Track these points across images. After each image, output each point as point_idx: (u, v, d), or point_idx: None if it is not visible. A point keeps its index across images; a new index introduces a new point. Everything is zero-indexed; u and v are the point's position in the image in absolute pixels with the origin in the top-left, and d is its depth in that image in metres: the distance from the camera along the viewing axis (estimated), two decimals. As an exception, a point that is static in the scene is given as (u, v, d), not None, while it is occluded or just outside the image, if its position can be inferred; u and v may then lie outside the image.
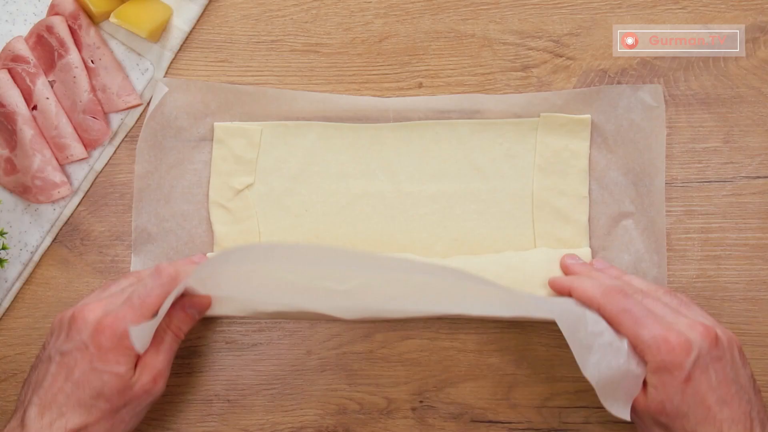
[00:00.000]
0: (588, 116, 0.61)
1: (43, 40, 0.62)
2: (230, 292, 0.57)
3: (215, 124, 0.63)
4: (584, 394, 0.61)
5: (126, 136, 0.64)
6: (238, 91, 0.63)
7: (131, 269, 0.63)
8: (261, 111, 0.63)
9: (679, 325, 0.51)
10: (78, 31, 0.62)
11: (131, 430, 0.55)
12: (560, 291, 0.57)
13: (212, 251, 0.62)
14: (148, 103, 0.64)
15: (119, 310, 0.52)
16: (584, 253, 0.60)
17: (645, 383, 0.51)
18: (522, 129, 0.62)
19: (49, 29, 0.61)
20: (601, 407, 0.62)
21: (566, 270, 0.59)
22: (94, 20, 0.63)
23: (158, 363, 0.54)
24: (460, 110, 0.62)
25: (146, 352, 0.54)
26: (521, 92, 0.62)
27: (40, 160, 0.62)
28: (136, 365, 0.53)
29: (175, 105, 0.62)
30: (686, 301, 0.55)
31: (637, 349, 0.50)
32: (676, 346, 0.49)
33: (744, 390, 0.50)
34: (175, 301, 0.54)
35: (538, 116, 0.62)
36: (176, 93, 0.62)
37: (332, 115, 0.63)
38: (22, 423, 0.51)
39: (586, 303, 0.54)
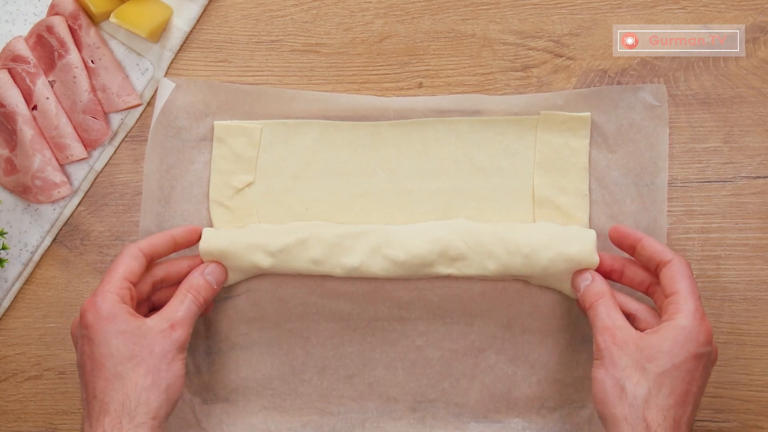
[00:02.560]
0: (588, 114, 0.61)
1: (43, 40, 0.62)
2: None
3: (215, 122, 0.63)
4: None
5: (126, 136, 0.64)
6: (239, 90, 0.63)
7: None
8: (261, 110, 0.63)
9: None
10: (78, 31, 0.62)
11: (175, 384, 0.55)
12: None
13: None
14: (149, 104, 0.64)
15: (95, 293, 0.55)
16: (589, 234, 0.59)
17: None
18: (522, 127, 0.62)
19: (49, 29, 0.61)
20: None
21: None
22: (94, 20, 0.63)
23: (176, 314, 0.56)
24: (460, 111, 0.62)
25: (166, 311, 0.56)
26: (521, 92, 0.62)
27: (40, 160, 0.62)
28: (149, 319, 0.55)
29: (175, 105, 0.62)
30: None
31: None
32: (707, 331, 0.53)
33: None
34: (193, 265, 0.60)
35: (538, 114, 0.62)
36: (177, 93, 0.62)
37: (332, 115, 0.63)
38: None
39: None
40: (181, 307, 0.56)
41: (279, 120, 0.63)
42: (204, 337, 0.63)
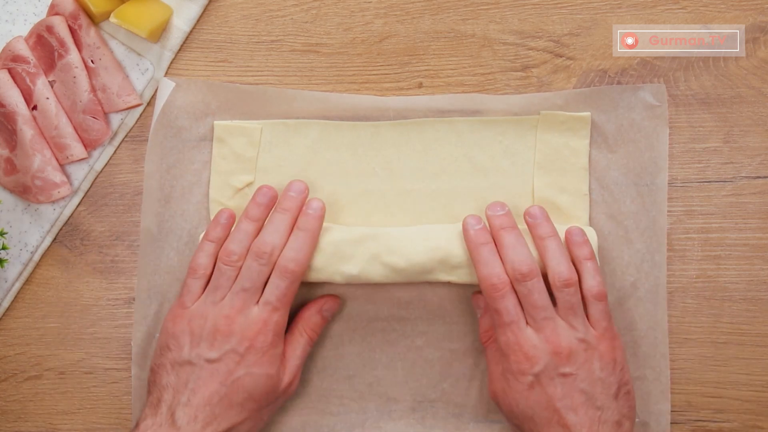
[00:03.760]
0: (588, 114, 0.61)
1: (43, 40, 0.62)
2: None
3: (215, 122, 0.63)
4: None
5: (126, 136, 0.64)
6: (239, 90, 0.63)
7: (138, 270, 0.62)
8: (261, 110, 0.63)
9: (539, 336, 0.55)
10: (78, 31, 0.62)
11: (263, 429, 0.59)
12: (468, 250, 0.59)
13: None
14: (149, 104, 0.64)
15: (266, 316, 0.56)
16: (589, 233, 0.60)
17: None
18: (522, 127, 0.62)
19: (49, 29, 0.61)
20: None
21: (489, 221, 0.59)
22: (94, 20, 0.63)
23: (295, 365, 0.59)
24: (460, 110, 0.62)
25: (286, 354, 0.58)
26: (521, 92, 0.62)
27: (40, 160, 0.62)
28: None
29: (175, 105, 0.62)
30: (577, 308, 0.56)
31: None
32: (522, 357, 0.55)
33: (595, 398, 0.54)
34: (310, 303, 0.61)
35: (538, 114, 0.62)
36: (177, 93, 0.62)
37: (332, 115, 0.63)
38: (173, 423, 0.54)
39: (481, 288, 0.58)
40: (297, 351, 0.59)
41: (279, 120, 0.63)
42: None
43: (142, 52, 0.63)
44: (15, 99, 0.61)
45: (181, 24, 0.63)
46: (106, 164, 0.64)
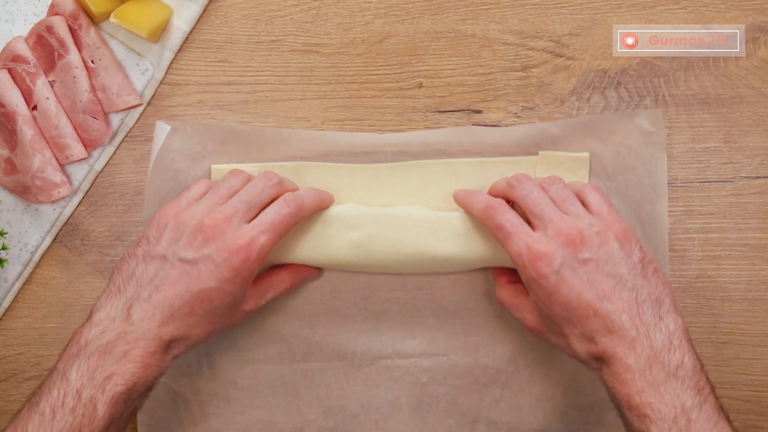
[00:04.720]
0: (587, 154, 0.60)
1: (43, 40, 0.62)
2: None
3: (212, 166, 0.62)
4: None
5: (126, 136, 0.64)
6: (235, 131, 0.62)
7: None
8: (258, 151, 0.62)
9: (546, 234, 0.52)
10: (78, 31, 0.62)
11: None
12: (462, 206, 0.59)
13: None
14: (149, 104, 0.64)
15: (255, 234, 0.53)
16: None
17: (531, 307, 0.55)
18: (520, 167, 0.61)
19: (49, 29, 0.61)
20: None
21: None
22: (94, 20, 0.63)
23: (261, 302, 0.58)
24: (457, 143, 0.61)
25: (261, 286, 0.58)
26: (521, 92, 0.62)
27: (40, 160, 0.62)
28: None
29: (171, 148, 0.61)
30: (571, 197, 0.55)
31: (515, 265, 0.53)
32: (537, 259, 0.51)
33: (624, 280, 0.51)
34: (289, 265, 0.60)
35: (537, 154, 0.61)
36: (173, 135, 0.61)
37: (330, 152, 0.62)
38: (128, 318, 0.51)
39: (476, 220, 0.57)
40: (273, 291, 0.58)
41: (276, 163, 0.62)
42: (211, 380, 0.62)
43: (142, 52, 0.63)
44: (15, 99, 0.61)
45: (181, 24, 0.63)
46: (106, 164, 0.64)
